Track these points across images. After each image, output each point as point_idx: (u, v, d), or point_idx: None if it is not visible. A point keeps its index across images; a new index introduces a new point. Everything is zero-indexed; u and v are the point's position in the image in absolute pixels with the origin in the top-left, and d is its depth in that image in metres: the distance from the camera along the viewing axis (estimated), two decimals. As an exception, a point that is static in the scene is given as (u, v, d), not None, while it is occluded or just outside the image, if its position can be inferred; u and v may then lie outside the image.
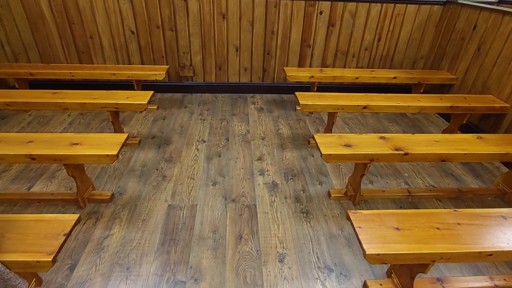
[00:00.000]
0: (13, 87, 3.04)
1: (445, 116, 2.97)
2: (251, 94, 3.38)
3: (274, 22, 3.00)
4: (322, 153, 1.62)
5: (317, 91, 2.92)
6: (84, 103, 2.14)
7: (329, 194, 1.91)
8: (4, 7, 2.81)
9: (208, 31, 3.01)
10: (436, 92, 3.10)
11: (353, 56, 3.21)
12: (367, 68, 3.27)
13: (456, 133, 2.48)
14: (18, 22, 2.88)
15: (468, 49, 2.67)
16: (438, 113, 3.06)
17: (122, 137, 1.73)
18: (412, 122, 2.91)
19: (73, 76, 2.72)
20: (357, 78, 2.80)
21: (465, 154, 1.65)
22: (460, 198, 1.94)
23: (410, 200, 1.91)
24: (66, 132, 2.53)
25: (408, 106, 2.22)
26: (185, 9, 2.89)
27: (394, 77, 2.82)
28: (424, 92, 3.05)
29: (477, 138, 1.78)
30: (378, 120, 2.92)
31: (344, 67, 3.26)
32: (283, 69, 3.04)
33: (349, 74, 2.82)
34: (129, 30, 2.96)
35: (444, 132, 2.60)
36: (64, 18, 2.88)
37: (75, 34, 2.96)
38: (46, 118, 2.76)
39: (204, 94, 3.34)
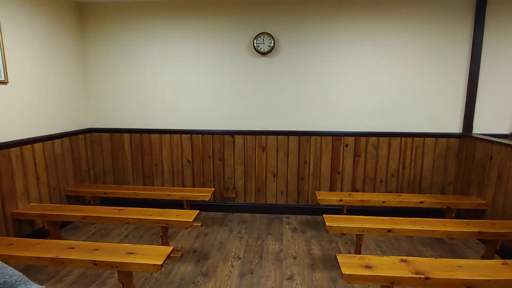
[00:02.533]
0: (88, 203, 3.68)
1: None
2: (287, 215, 3.64)
3: (306, 153, 3.50)
4: (343, 273, 1.74)
5: (346, 213, 3.10)
6: (141, 218, 2.57)
7: (357, 320, 1.89)
8: (97, 142, 3.72)
9: (250, 160, 3.57)
10: (470, 217, 3.10)
11: (381, 182, 3.47)
12: (396, 192, 3.46)
13: (493, 258, 2.40)
14: (105, 153, 3.73)
15: (490, 176, 2.83)
16: (478, 239, 2.98)
17: (167, 249, 2.04)
18: (449, 248, 2.85)
19: (136, 195, 3.29)
20: (384, 202, 2.98)
21: (489, 280, 1.65)
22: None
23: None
24: (122, 243, 2.91)
25: (433, 230, 2.30)
26: (232, 143, 3.55)
27: (421, 202, 2.96)
28: (456, 217, 3.07)
29: (502, 264, 1.78)
30: (412, 244, 2.92)
31: (374, 191, 3.49)
32: (315, 192, 3.36)
33: (376, 198, 3.03)
34: (186, 159, 3.64)
35: (482, 258, 2.51)
36: (138, 150, 3.68)
37: (144, 162, 3.70)
38: (108, 230, 3.22)
39: (244, 213, 3.68)
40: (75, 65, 3.46)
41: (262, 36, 3.28)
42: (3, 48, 2.55)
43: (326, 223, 2.40)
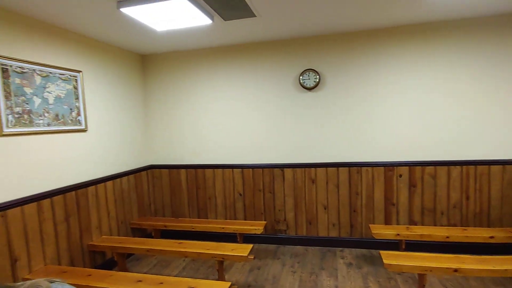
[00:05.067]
0: (150, 234, 3.95)
1: None
2: (340, 248, 3.54)
3: (358, 185, 3.44)
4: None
5: (405, 248, 2.94)
6: (199, 252, 2.71)
7: None
8: (157, 177, 4.04)
9: (300, 192, 3.60)
10: (554, 256, 2.75)
11: (442, 213, 3.26)
12: (461, 225, 3.21)
13: None
14: (164, 188, 4.03)
15: None
16: None
17: (225, 285, 2.12)
18: (530, 291, 2.54)
19: (193, 228, 3.47)
20: (447, 237, 2.79)
21: None
22: None
23: None
24: (181, 275, 3.06)
25: (506, 270, 2.10)
26: (282, 176, 3.63)
27: (491, 237, 2.72)
28: (537, 255, 2.75)
29: None
30: (483, 284, 2.66)
31: (434, 224, 3.28)
32: (369, 226, 3.25)
33: (438, 233, 2.85)
34: (238, 193, 3.78)
35: None
36: (193, 185, 3.91)
37: (199, 196, 3.91)
38: (167, 262, 3.41)
39: (295, 246, 3.66)
40: (139, 109, 3.88)
41: (307, 73, 3.41)
42: (85, 101, 2.98)
43: (384, 261, 2.32)
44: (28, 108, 2.40)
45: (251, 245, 2.74)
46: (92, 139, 3.09)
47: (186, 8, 2.27)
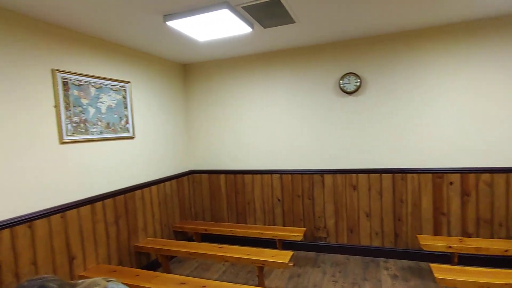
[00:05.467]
0: (191, 238, 4.07)
1: None
2: (384, 259, 3.39)
3: (402, 192, 3.28)
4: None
5: (458, 262, 2.74)
6: (239, 257, 2.73)
7: None
8: (198, 182, 4.16)
9: (340, 199, 3.51)
10: None
11: (501, 225, 2.99)
12: (523, 239, 2.93)
13: None
14: (204, 192, 4.14)
15: None
16: None
17: (267, 291, 2.11)
18: None
19: (232, 233, 3.52)
20: (506, 251, 2.55)
21: None
22: None
23: None
24: (221, 279, 3.11)
25: None
26: (322, 182, 3.57)
27: (561, 254, 2.44)
28: None
29: None
30: (552, 307, 2.39)
31: (491, 237, 3.02)
32: (416, 236, 3.07)
33: (496, 246, 2.62)
34: (276, 198, 3.77)
35: None
36: (232, 190, 3.97)
37: (238, 201, 3.96)
38: (208, 265, 3.49)
39: (336, 254, 3.56)
40: (181, 116, 4.04)
41: (348, 76, 3.34)
42: (132, 110, 3.17)
43: (435, 275, 2.17)
44: (84, 118, 2.60)
45: (291, 252, 2.72)
46: (138, 146, 3.27)
47: (228, 18, 2.34)
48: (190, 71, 4.12)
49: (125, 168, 3.09)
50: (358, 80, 3.30)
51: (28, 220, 2.21)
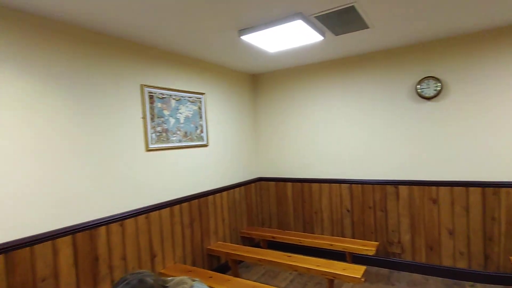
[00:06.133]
0: (257, 244, 4.14)
1: None
2: (470, 282, 3.02)
3: (494, 208, 2.90)
4: None
5: None
6: (309, 268, 2.69)
7: None
8: (265, 189, 4.23)
9: (417, 213, 3.25)
10: None
11: None
12: None
13: None
14: (271, 199, 4.19)
15: None
16: None
17: (341, 306, 2.04)
18: None
19: (300, 242, 3.49)
20: None
21: None
22: None
23: None
24: (289, 289, 3.10)
25: None
26: (396, 194, 3.34)
27: None
28: None
29: None
30: None
31: None
32: (510, 259, 2.69)
33: None
34: (345, 208, 3.64)
35: None
36: (299, 198, 3.95)
37: (305, 210, 3.92)
38: (275, 273, 3.50)
39: (412, 273, 3.29)
40: (249, 124, 4.16)
41: (426, 81, 3.09)
42: (206, 119, 3.37)
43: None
44: (165, 127, 2.85)
45: (364, 267, 2.59)
46: (211, 153, 3.46)
47: (300, 29, 2.36)
48: (258, 81, 4.24)
49: (200, 174, 3.29)
50: (439, 84, 3.03)
51: (120, 219, 2.48)
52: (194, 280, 1.47)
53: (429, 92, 3.09)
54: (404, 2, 2.15)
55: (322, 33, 2.58)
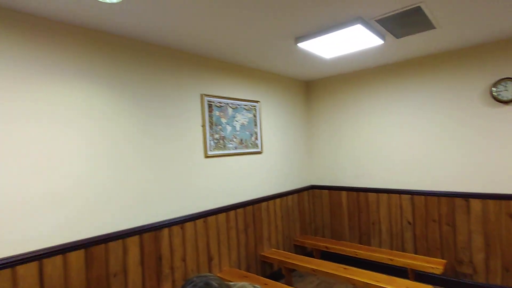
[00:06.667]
0: (309, 253, 4.06)
1: None
2: None
3: None
4: None
5: None
6: (368, 283, 2.56)
7: None
8: (318, 197, 4.14)
9: (493, 230, 2.92)
10: None
11: None
12: None
13: None
14: (324, 208, 4.09)
15: None
16: None
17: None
18: None
19: (356, 254, 3.34)
20: None
21: None
22: None
23: None
24: (345, 303, 2.98)
25: None
26: (466, 207, 3.04)
27: None
28: None
29: None
30: None
31: None
32: None
33: None
34: (406, 220, 3.41)
35: None
36: (355, 208, 3.79)
37: (361, 220, 3.75)
38: (329, 284, 3.39)
39: (487, 297, 2.95)
40: (302, 132, 4.13)
41: (504, 83, 2.79)
42: (261, 126, 3.42)
43: None
44: (223, 135, 2.95)
45: (430, 286, 2.39)
46: (265, 160, 3.49)
47: (360, 33, 2.29)
48: (312, 88, 4.20)
49: (254, 180, 3.34)
50: (519, 87, 2.72)
51: (181, 221, 2.61)
52: (254, 287, 1.48)
53: (507, 95, 2.78)
54: (478, -1, 1.97)
55: (382, 36, 2.48)
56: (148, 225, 2.39)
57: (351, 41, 2.47)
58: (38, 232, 1.85)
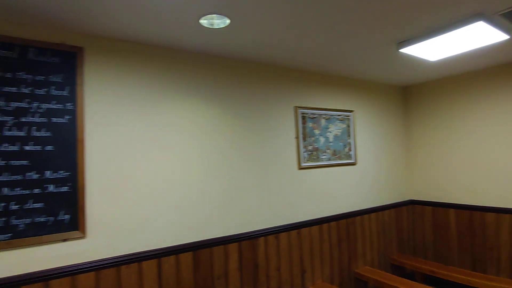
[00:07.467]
0: (408, 275, 3.68)
1: None
2: None
3: None
4: None
5: None
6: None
7: None
8: (418, 214, 3.75)
9: None
10: None
11: None
12: None
13: None
14: (426, 226, 3.67)
15: None
16: None
17: None
18: None
19: (469, 283, 2.90)
20: None
21: None
22: None
23: None
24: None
25: None
26: None
27: None
28: None
29: None
30: None
31: None
32: None
33: None
34: (539, 249, 2.83)
35: None
36: (466, 229, 3.31)
37: (475, 244, 3.25)
38: (435, 314, 3.01)
39: None
40: (400, 141, 3.81)
41: None
42: (355, 137, 3.28)
43: None
44: (316, 146, 2.93)
45: None
46: (359, 172, 3.33)
47: (479, 30, 2.02)
48: (410, 93, 3.86)
49: (347, 193, 3.21)
50: None
51: (276, 231, 2.66)
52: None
53: None
54: None
55: (507, 31, 2.14)
56: (246, 233, 2.50)
57: (466, 40, 2.19)
58: (157, 234, 2.11)
